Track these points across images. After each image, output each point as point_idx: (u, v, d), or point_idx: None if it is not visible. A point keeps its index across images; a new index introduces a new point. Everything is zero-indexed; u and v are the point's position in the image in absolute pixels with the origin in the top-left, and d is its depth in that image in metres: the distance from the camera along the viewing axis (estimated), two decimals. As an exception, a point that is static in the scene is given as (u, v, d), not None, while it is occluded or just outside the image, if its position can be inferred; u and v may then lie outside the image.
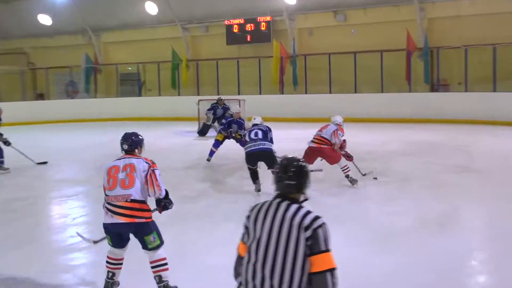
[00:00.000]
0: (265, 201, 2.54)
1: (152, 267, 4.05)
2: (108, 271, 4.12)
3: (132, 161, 4.08)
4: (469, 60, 15.93)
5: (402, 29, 16.50)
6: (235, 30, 19.37)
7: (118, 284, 4.14)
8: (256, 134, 7.29)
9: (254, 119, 7.72)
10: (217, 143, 9.70)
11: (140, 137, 4.22)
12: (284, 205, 2.48)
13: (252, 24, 19.13)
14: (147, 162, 4.09)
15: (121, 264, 4.13)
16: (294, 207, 2.47)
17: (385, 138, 11.42)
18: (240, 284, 2.52)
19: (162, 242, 4.08)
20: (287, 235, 2.40)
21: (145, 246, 4.05)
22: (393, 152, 10.24)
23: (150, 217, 4.05)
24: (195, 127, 15.12)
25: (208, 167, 9.09)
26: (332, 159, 7.59)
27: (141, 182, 4.01)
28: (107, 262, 4.13)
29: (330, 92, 17.76)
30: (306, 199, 2.59)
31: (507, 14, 15.62)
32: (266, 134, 7.32)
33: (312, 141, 7.64)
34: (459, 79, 16.64)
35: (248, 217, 2.57)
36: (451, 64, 16.92)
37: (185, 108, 17.75)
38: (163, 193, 4.08)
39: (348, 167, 7.56)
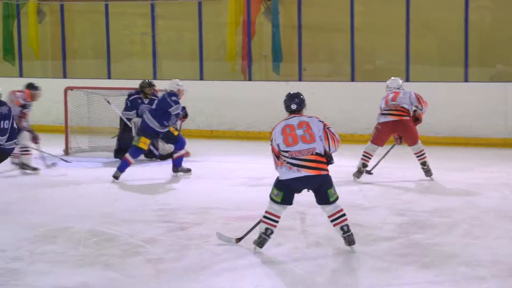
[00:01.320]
0: None
1: (334, 220, 6.22)
2: (267, 228, 6.24)
3: (305, 119, 6.30)
4: None
5: None
6: None
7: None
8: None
9: None
10: (139, 152, 10.77)
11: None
12: None
13: None
14: (320, 121, 6.35)
15: (278, 222, 6.28)
16: None
17: (473, 183, 9.83)
18: None
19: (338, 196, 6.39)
20: None
21: (326, 200, 6.19)
22: (492, 212, 8.56)
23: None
24: (59, 144, 13.27)
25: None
26: (414, 138, 9.55)
27: (319, 139, 6.22)
28: (266, 218, 6.24)
29: (353, 79, 15.39)
30: None
31: None
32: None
33: (387, 114, 9.53)
34: None
35: None
36: None
37: (38, 105, 14.96)
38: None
39: (424, 152, 9.70)
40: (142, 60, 17.46)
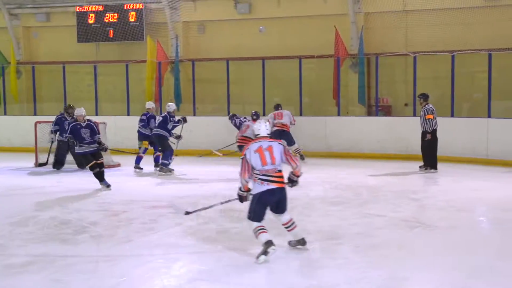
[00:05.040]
0: None
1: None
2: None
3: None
4: (420, 72, 17.07)
5: (329, 27, 18.02)
6: (91, 21, 20.91)
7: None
8: None
9: None
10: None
11: None
12: None
13: (115, 14, 20.68)
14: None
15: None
16: None
17: (305, 181, 10.59)
18: None
19: None
20: None
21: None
22: (317, 199, 11.09)
23: None
24: (30, 160, 16.26)
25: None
26: None
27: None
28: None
29: (229, 114, 17.73)
30: None
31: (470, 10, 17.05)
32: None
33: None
34: (406, 98, 18.24)
35: None
36: (395, 77, 18.74)
37: (16, 133, 19.24)
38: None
39: None
40: (86, 101, 19.31)
